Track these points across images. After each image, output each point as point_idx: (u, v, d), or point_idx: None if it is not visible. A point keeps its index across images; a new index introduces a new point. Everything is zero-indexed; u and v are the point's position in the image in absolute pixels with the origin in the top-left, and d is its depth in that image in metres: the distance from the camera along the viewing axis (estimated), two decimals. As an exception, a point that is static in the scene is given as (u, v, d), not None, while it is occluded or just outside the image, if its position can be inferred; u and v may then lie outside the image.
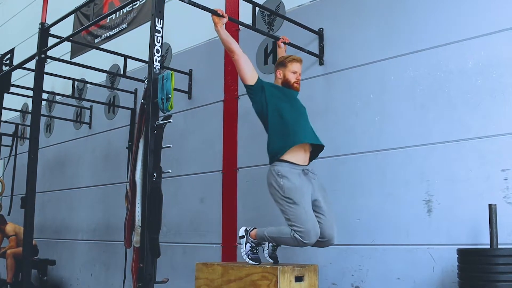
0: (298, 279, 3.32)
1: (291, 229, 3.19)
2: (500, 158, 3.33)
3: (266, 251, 3.51)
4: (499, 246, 3.01)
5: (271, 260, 3.50)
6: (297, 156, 3.36)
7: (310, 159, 3.50)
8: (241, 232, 3.54)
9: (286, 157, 3.33)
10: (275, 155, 3.35)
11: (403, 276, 3.63)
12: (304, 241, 3.16)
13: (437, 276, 3.47)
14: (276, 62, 3.70)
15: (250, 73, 3.43)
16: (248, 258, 3.43)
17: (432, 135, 3.65)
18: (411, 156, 3.73)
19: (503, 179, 3.29)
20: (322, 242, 3.32)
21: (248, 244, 3.46)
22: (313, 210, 3.29)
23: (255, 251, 3.46)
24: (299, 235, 3.15)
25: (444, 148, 3.58)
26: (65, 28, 6.20)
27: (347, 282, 3.92)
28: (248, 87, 3.45)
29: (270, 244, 3.50)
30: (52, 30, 4.61)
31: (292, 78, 3.53)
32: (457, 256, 3.09)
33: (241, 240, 3.50)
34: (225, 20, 3.49)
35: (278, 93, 3.48)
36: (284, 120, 3.37)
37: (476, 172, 3.41)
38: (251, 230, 3.51)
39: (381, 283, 3.73)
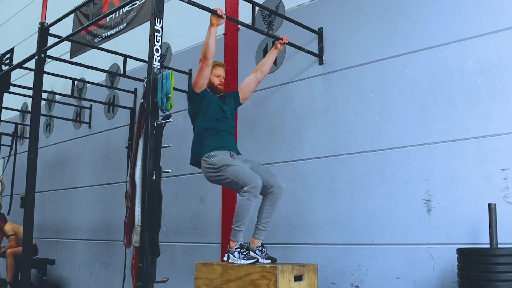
0: (298, 278, 3.32)
1: (241, 194, 3.46)
2: (499, 158, 3.33)
3: (260, 258, 3.53)
4: (499, 246, 3.01)
5: (269, 261, 3.50)
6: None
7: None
8: (225, 258, 3.59)
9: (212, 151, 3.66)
10: (199, 153, 3.68)
11: (403, 276, 3.63)
12: (257, 192, 3.45)
13: (437, 275, 3.47)
14: None
15: (204, 83, 3.70)
16: (244, 260, 3.44)
17: (432, 135, 3.65)
18: (410, 156, 3.73)
19: (503, 179, 3.29)
20: (273, 191, 3.57)
21: (235, 253, 3.51)
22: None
23: (244, 252, 3.48)
24: (249, 189, 3.41)
25: (443, 148, 3.58)
26: (65, 28, 6.20)
27: (347, 281, 3.92)
28: (194, 93, 3.73)
29: (257, 246, 3.55)
30: (52, 30, 4.61)
31: (216, 80, 3.83)
32: (456, 255, 3.09)
33: (230, 259, 3.53)
34: (222, 21, 3.55)
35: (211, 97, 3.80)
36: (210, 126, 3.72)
37: (476, 171, 3.41)
38: (229, 246, 3.58)
39: (381, 283, 3.73)
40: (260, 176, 3.53)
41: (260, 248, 3.57)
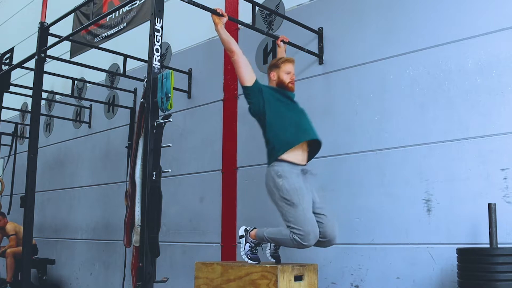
0: (298, 278, 3.32)
1: (290, 231, 3.17)
2: (499, 157, 3.33)
3: (268, 251, 3.51)
4: (499, 245, 3.02)
5: (273, 260, 3.50)
6: (296, 155, 3.35)
7: (308, 159, 3.49)
8: (241, 231, 3.53)
9: (284, 156, 3.31)
10: (274, 155, 3.34)
11: (403, 275, 3.63)
12: (303, 243, 3.13)
13: (437, 275, 3.47)
14: (269, 64, 3.69)
15: (248, 74, 3.41)
16: (247, 257, 3.43)
17: (432, 134, 3.65)
18: (410, 155, 3.73)
19: (503, 178, 3.30)
20: (323, 242, 3.30)
21: (247, 244, 3.45)
22: (313, 211, 3.26)
23: (254, 251, 3.46)
24: (298, 237, 3.12)
25: (443, 147, 3.59)
26: (65, 27, 6.20)
27: (347, 281, 3.92)
28: (246, 88, 3.43)
29: (272, 244, 3.50)
30: (52, 29, 4.61)
31: (286, 78, 3.51)
32: (456, 255, 3.09)
33: (240, 239, 3.49)
34: (225, 19, 3.49)
35: (276, 94, 3.48)
36: (283, 121, 3.37)
37: (476, 171, 3.41)
38: (251, 230, 3.50)
39: (381, 282, 3.73)
40: (321, 224, 3.23)
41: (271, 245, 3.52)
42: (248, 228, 3.53)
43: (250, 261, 3.41)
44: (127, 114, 6.18)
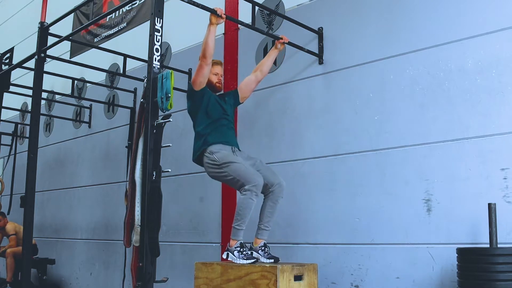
0: (298, 278, 3.32)
1: (243, 192, 3.44)
2: (499, 157, 3.33)
3: (263, 257, 3.52)
4: (499, 245, 3.02)
5: (271, 260, 3.49)
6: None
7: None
8: (224, 256, 3.58)
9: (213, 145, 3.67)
10: (200, 148, 3.68)
11: (403, 275, 3.63)
12: (254, 183, 3.42)
13: (437, 275, 3.47)
14: None
15: (203, 81, 3.69)
16: (243, 260, 3.44)
17: (432, 134, 3.65)
18: (410, 155, 3.73)
19: (503, 178, 3.29)
20: (274, 190, 3.59)
21: (235, 252, 3.49)
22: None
23: (244, 252, 3.47)
24: (250, 188, 3.40)
25: (443, 147, 3.59)
26: (65, 27, 6.20)
27: (347, 281, 3.92)
28: (193, 91, 3.73)
29: (259, 246, 3.54)
30: (52, 29, 4.61)
31: (214, 79, 3.85)
32: (456, 255, 3.09)
33: (229, 258, 3.52)
34: (222, 21, 3.55)
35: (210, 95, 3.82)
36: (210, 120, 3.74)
37: (476, 171, 3.41)
38: (229, 244, 3.56)
39: (381, 282, 3.73)
40: (261, 174, 3.53)
41: (263, 248, 3.56)
42: (227, 249, 3.58)
43: (247, 261, 3.41)
44: (127, 114, 6.18)
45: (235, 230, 3.52)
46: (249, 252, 3.51)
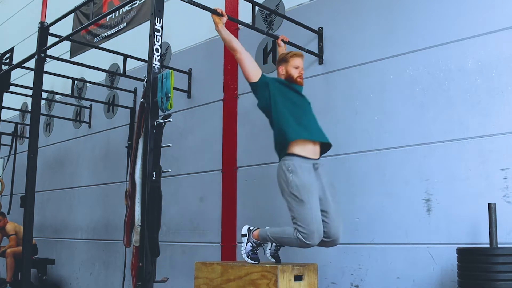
0: (298, 278, 3.32)
1: (295, 229, 3.15)
2: (499, 157, 3.33)
3: (268, 251, 3.48)
4: (499, 245, 3.02)
5: (273, 260, 3.49)
6: (307, 149, 3.31)
7: (320, 153, 3.45)
8: (244, 230, 3.50)
9: (295, 150, 3.27)
10: (283, 149, 3.30)
11: (403, 275, 3.63)
12: (307, 242, 3.11)
13: (437, 275, 3.47)
14: (278, 59, 3.68)
15: (253, 70, 3.42)
16: (248, 257, 3.42)
17: (432, 134, 3.65)
18: (410, 155, 3.73)
19: (503, 178, 3.29)
20: (327, 242, 3.27)
21: (249, 244, 3.43)
22: (322, 210, 3.23)
23: (255, 251, 3.45)
24: (302, 236, 3.11)
25: (443, 147, 3.59)
26: (65, 27, 6.20)
27: (347, 281, 3.92)
28: (252, 84, 3.44)
29: (273, 244, 3.49)
30: (52, 29, 4.61)
31: (294, 73, 3.51)
32: (456, 255, 3.09)
33: (242, 238, 3.47)
34: (225, 19, 3.51)
35: (283, 88, 3.46)
36: (288, 115, 3.33)
37: (476, 171, 3.41)
38: (254, 230, 3.47)
39: (381, 282, 3.73)
40: (325, 224, 3.21)
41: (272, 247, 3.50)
42: (251, 228, 3.50)
43: (250, 261, 3.41)
44: (127, 114, 6.18)
45: (266, 236, 3.36)
46: (257, 254, 3.46)
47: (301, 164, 3.24)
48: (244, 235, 3.47)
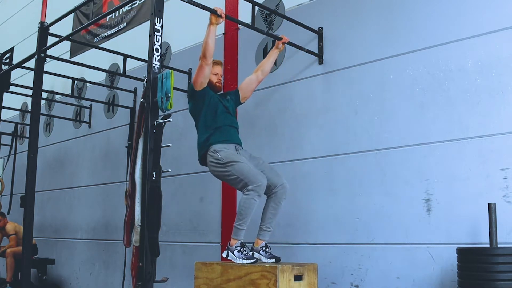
0: (298, 278, 3.32)
1: (244, 194, 3.44)
2: (499, 157, 3.33)
3: (264, 258, 3.52)
4: (499, 245, 3.02)
5: (273, 260, 3.50)
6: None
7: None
8: (224, 255, 3.57)
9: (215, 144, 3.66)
10: (205, 146, 3.67)
11: (403, 275, 3.63)
12: (260, 192, 3.44)
13: (437, 275, 3.47)
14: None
15: (204, 80, 3.66)
16: (243, 260, 3.43)
17: (432, 134, 3.65)
18: (410, 155, 3.73)
19: (503, 178, 3.29)
20: (277, 191, 3.58)
21: (235, 251, 3.48)
22: None
23: (244, 252, 3.48)
24: (253, 191, 3.41)
25: (443, 147, 3.59)
26: (65, 27, 6.19)
27: (347, 281, 3.92)
28: (195, 90, 3.72)
29: (260, 246, 3.54)
30: (52, 29, 4.61)
31: (213, 79, 3.83)
32: (456, 255, 3.09)
33: (229, 257, 3.51)
34: (222, 21, 3.55)
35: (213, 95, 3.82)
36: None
37: (476, 171, 3.41)
38: (229, 243, 3.55)
39: (381, 282, 3.73)
40: (265, 175, 3.52)
41: (264, 248, 3.56)
42: (227, 247, 3.57)
43: (247, 261, 3.41)
44: (127, 114, 6.18)
45: (236, 230, 3.52)
46: (250, 253, 3.51)
47: (224, 145, 3.63)
48: (227, 255, 3.53)
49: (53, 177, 7.47)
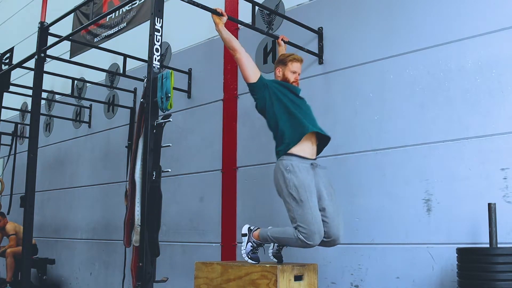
0: (298, 278, 3.32)
1: (295, 229, 3.14)
2: (499, 157, 3.33)
3: (270, 250, 3.48)
4: (499, 245, 3.02)
5: (275, 260, 3.49)
6: (305, 149, 3.31)
7: (317, 153, 3.47)
8: (244, 229, 3.47)
9: (293, 150, 3.27)
10: (282, 149, 3.30)
11: (403, 275, 3.63)
12: (308, 242, 3.10)
13: (437, 275, 3.47)
14: (277, 59, 3.67)
15: (252, 71, 3.42)
16: (248, 257, 3.42)
17: (432, 134, 3.65)
18: (410, 155, 3.73)
19: (503, 178, 3.30)
20: (328, 242, 3.26)
21: (249, 244, 3.41)
22: (319, 209, 3.20)
23: (255, 251, 3.44)
24: (303, 236, 3.09)
25: (443, 147, 3.59)
26: (65, 27, 6.20)
27: (347, 281, 3.92)
28: (250, 85, 3.43)
29: (276, 244, 3.48)
30: (52, 29, 4.61)
31: (291, 77, 3.50)
32: (456, 255, 3.09)
33: (242, 238, 3.45)
34: (225, 19, 3.51)
35: (282, 89, 3.45)
36: (291, 114, 3.34)
37: (476, 171, 3.41)
38: (255, 230, 3.45)
39: (381, 282, 3.73)
40: (325, 224, 3.20)
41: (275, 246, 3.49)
42: (252, 228, 3.47)
43: (250, 261, 3.40)
44: (127, 114, 6.18)
45: (266, 237, 3.35)
46: (257, 254, 3.45)
47: (298, 164, 3.23)
48: (245, 235, 3.45)
49: (53, 177, 7.47)
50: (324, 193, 3.28)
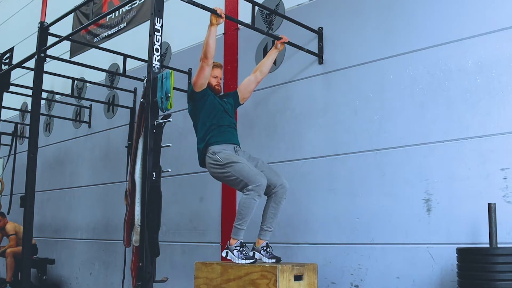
0: (297, 278, 3.32)
1: (244, 194, 3.45)
2: (499, 157, 3.33)
3: (265, 258, 3.54)
4: (499, 245, 3.02)
5: (273, 260, 3.50)
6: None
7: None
8: (224, 254, 3.58)
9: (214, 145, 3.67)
10: (205, 147, 3.67)
11: (403, 275, 3.63)
12: (257, 185, 3.43)
13: (437, 275, 3.47)
14: None
15: (204, 82, 3.66)
16: (243, 260, 3.44)
17: (432, 134, 3.65)
18: (410, 155, 3.73)
19: (503, 178, 3.29)
20: (277, 191, 3.59)
21: (234, 251, 3.49)
22: None
23: (243, 252, 3.48)
24: (251, 187, 3.42)
25: (443, 147, 3.58)
26: (65, 27, 6.20)
27: (347, 281, 3.92)
28: (194, 91, 3.72)
29: (261, 246, 3.55)
30: (52, 29, 4.61)
31: (213, 81, 3.83)
32: (456, 255, 3.09)
33: (228, 256, 3.53)
34: (222, 21, 3.55)
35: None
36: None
37: (476, 171, 3.41)
38: (229, 243, 3.56)
39: (381, 282, 3.73)
40: (264, 175, 3.53)
41: (265, 248, 3.57)
42: (227, 247, 3.58)
43: (247, 261, 3.42)
44: (127, 114, 6.18)
45: (236, 230, 3.52)
46: (250, 253, 3.52)
47: (222, 145, 3.64)
48: (226, 254, 3.54)
49: (53, 177, 7.47)
50: (253, 162, 3.68)
